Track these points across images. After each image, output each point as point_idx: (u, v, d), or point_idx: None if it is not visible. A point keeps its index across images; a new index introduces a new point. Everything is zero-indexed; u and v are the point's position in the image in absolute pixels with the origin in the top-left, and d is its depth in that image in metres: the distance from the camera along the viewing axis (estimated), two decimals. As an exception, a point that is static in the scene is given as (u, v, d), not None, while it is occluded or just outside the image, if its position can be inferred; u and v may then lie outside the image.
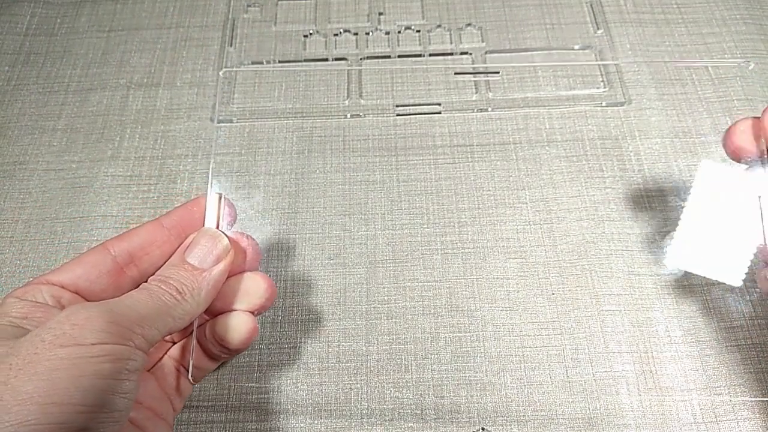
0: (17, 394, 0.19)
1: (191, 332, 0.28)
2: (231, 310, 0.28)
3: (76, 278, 0.26)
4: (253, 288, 0.28)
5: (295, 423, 0.31)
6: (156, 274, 0.26)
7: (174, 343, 0.29)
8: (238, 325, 0.27)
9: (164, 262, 0.27)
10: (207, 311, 0.27)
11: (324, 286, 0.34)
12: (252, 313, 0.28)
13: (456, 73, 0.42)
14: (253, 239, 0.29)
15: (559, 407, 0.31)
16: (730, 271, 0.29)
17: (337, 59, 0.43)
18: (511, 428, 0.30)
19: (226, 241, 0.27)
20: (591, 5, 0.45)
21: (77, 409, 0.20)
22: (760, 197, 0.27)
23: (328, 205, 0.37)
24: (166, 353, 0.29)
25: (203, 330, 0.29)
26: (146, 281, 0.26)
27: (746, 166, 0.26)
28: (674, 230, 0.30)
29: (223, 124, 0.40)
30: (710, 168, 0.30)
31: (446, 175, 0.38)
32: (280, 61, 0.43)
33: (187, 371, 0.28)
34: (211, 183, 0.29)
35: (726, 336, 0.32)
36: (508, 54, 0.43)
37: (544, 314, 0.33)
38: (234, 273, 0.28)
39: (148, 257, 0.27)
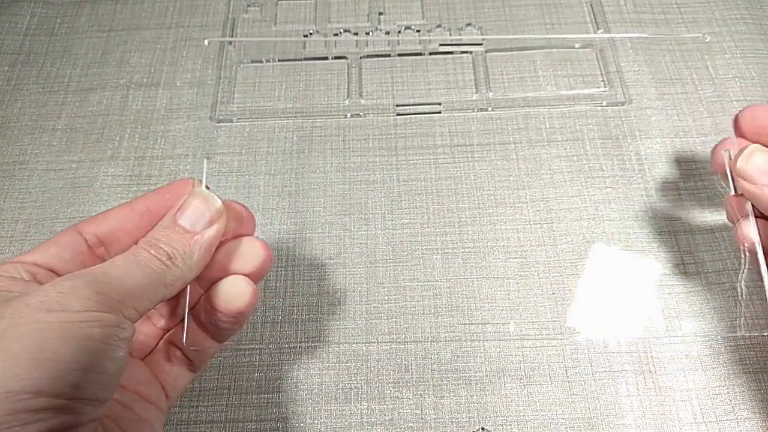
0: (5, 350, 0.19)
1: (185, 306, 0.27)
2: (226, 275, 0.26)
3: (49, 258, 0.25)
4: (248, 251, 0.27)
5: (296, 423, 0.31)
6: (146, 236, 0.25)
7: (166, 332, 0.28)
8: (237, 287, 0.26)
9: None
10: (200, 280, 0.26)
11: (324, 285, 0.34)
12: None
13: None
14: (244, 206, 0.28)
15: (559, 407, 0.31)
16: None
17: (337, 59, 0.43)
18: (511, 428, 0.30)
19: (219, 203, 0.26)
20: (591, 5, 0.45)
21: (69, 366, 0.19)
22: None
23: (328, 205, 0.37)
24: (160, 341, 0.28)
25: (200, 308, 0.27)
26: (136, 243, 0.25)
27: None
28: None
29: (222, 124, 0.40)
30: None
31: (446, 174, 0.38)
32: (280, 60, 0.43)
33: (185, 357, 0.27)
34: (203, 147, 0.28)
35: (725, 336, 0.32)
36: (507, 53, 0.43)
37: (544, 314, 0.33)
38: (227, 238, 0.27)
39: (117, 243, 0.26)
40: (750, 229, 0.28)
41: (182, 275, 0.24)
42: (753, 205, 0.28)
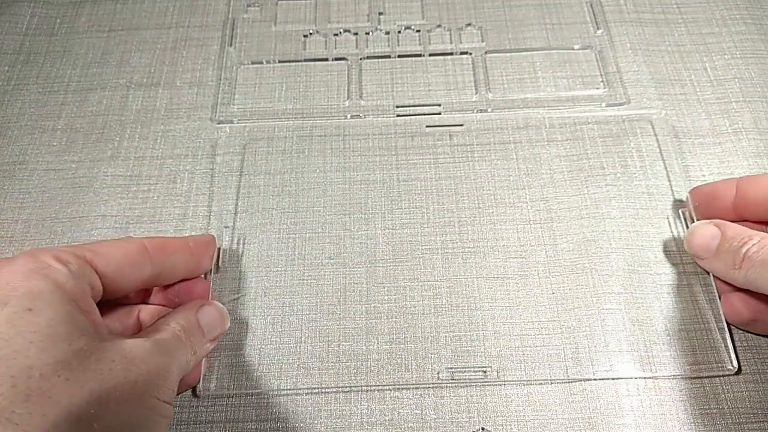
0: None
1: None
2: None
3: (121, 278, 0.25)
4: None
5: (296, 423, 0.31)
6: (177, 320, 0.26)
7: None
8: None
9: (174, 292, 0.29)
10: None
11: (324, 285, 0.34)
12: None
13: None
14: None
15: (559, 407, 0.31)
16: None
17: (337, 59, 0.43)
18: (511, 428, 0.30)
19: (228, 324, 0.30)
20: (591, 5, 0.45)
21: None
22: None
23: (328, 205, 0.37)
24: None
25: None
26: (167, 323, 0.26)
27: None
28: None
29: (223, 125, 0.40)
30: None
31: (446, 174, 0.38)
32: (280, 61, 0.43)
33: None
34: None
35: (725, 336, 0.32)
36: (507, 54, 0.43)
37: (544, 313, 0.33)
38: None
39: (167, 278, 0.28)
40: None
41: (187, 371, 0.27)
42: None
